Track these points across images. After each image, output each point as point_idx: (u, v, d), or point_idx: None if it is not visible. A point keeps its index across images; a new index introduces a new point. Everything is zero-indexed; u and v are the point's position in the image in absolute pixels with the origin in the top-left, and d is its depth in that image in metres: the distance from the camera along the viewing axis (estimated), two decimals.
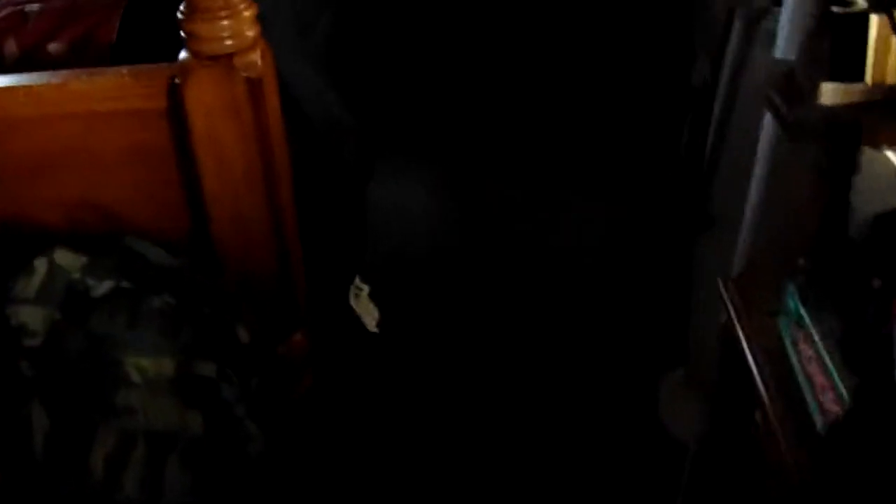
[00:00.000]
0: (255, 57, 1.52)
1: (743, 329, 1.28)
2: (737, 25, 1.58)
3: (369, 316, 2.04)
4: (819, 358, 1.15)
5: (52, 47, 1.65)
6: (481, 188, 2.62)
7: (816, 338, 1.17)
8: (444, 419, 1.98)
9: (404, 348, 2.10)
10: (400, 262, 2.33)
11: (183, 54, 1.54)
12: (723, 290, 1.33)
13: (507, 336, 2.18)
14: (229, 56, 1.51)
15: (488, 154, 2.73)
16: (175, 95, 1.54)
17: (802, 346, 1.19)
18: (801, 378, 1.18)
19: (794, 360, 1.20)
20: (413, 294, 2.25)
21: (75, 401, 1.50)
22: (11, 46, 1.66)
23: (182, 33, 1.52)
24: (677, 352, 2.02)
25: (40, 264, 1.57)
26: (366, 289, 2.06)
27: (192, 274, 1.59)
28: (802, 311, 1.20)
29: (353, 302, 2.04)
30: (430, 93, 2.81)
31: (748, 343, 1.26)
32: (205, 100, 1.52)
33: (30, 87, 1.57)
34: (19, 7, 1.69)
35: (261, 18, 1.53)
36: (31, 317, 1.53)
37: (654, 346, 2.12)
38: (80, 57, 1.64)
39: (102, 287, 1.56)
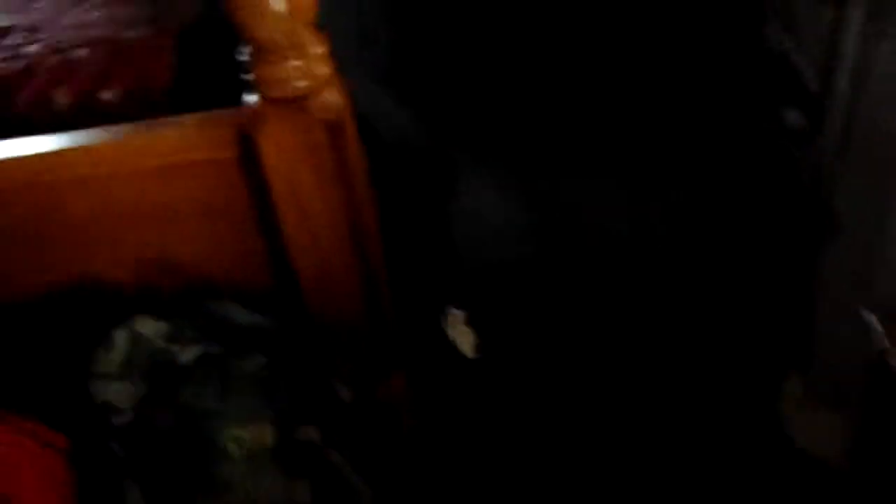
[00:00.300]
0: (332, 97, 1.39)
1: None
2: (852, 10, 1.42)
3: (466, 341, 1.93)
4: None
5: (105, 95, 1.53)
6: (566, 187, 2.47)
7: None
8: (554, 438, 1.87)
9: (506, 370, 1.98)
10: (489, 278, 2.20)
11: (252, 98, 1.41)
12: (875, 324, 1.20)
13: (611, 343, 2.05)
14: (303, 99, 1.37)
15: (567, 150, 2.57)
16: (246, 144, 1.42)
17: None
18: None
19: None
20: (508, 311, 2.13)
21: (171, 480, 1.41)
22: (62, 97, 1.54)
23: (248, 76, 1.39)
24: (799, 357, 1.89)
25: (120, 335, 1.48)
26: (460, 314, 1.95)
27: (282, 332, 1.48)
28: None
29: (448, 329, 1.93)
30: (497, 95, 2.65)
31: None
32: (280, 148, 1.40)
33: (88, 146, 1.45)
34: (63, 53, 1.56)
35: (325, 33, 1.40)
36: (117, 393, 1.44)
37: (775, 351, 1.99)
38: (135, 103, 1.51)
39: (188, 355, 1.46)
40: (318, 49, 1.37)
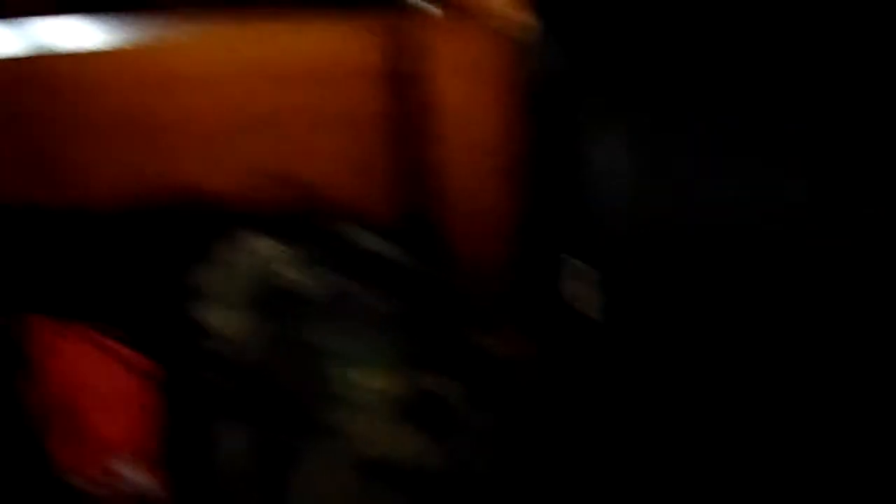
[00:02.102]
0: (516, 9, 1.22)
1: None
2: None
3: (590, 300, 1.76)
4: None
5: None
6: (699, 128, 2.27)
7: None
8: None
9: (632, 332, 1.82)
10: (624, 231, 2.02)
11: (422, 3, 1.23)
12: None
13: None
14: (489, 12, 1.20)
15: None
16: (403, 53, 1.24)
17: None
18: None
19: None
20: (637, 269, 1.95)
21: (274, 420, 1.24)
22: None
23: None
24: None
25: (230, 254, 1.28)
26: (586, 270, 1.78)
27: (419, 268, 1.32)
28: None
29: (567, 286, 1.76)
30: None
31: None
32: (452, 63, 1.23)
33: (209, 39, 1.25)
34: None
35: None
36: (220, 318, 1.26)
37: None
38: None
39: (308, 283, 1.28)
40: None
